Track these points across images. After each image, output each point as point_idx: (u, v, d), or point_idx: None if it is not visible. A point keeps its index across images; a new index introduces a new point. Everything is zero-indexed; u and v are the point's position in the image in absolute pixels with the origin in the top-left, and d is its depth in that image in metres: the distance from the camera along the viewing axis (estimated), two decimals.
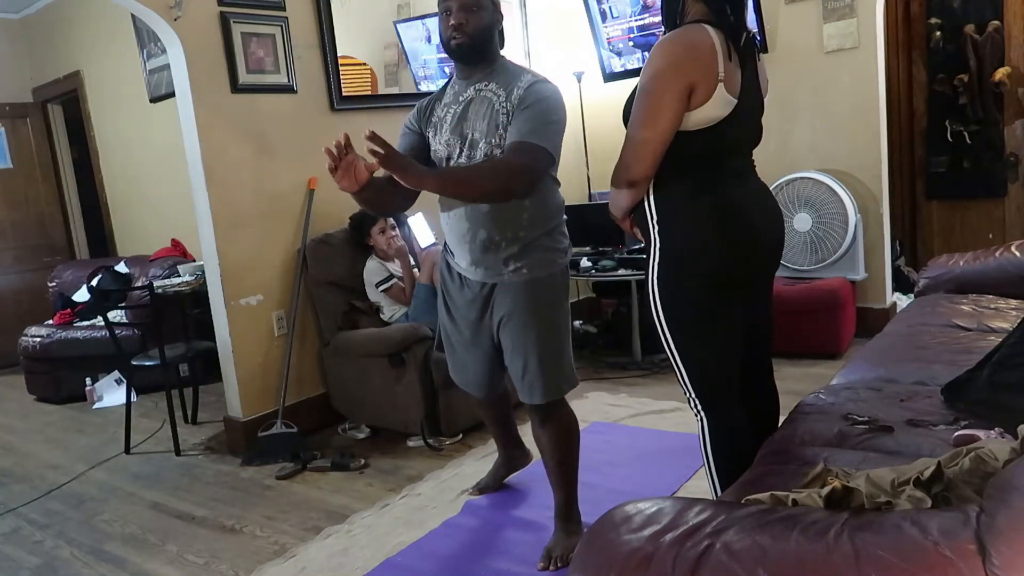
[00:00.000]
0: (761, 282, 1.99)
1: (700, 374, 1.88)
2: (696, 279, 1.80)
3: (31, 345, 4.79)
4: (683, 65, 1.70)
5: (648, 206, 1.83)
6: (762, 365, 2.09)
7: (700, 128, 1.74)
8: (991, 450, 1.21)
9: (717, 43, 1.71)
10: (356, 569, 2.38)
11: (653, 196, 1.82)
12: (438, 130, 2.25)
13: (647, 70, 1.73)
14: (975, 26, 4.67)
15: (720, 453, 1.90)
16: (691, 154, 1.76)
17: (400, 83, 4.34)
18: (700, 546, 1.06)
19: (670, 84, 1.69)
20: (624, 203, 1.87)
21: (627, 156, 1.77)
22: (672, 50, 1.72)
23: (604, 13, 4.78)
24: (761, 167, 1.98)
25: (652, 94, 1.71)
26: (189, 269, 4.14)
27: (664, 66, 1.71)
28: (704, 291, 1.81)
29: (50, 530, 2.93)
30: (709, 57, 1.70)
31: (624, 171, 1.79)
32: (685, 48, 1.71)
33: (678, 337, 1.85)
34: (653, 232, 1.82)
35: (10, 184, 5.97)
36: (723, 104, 1.73)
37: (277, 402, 3.55)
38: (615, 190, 1.86)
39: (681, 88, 1.69)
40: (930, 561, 0.93)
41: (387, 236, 3.61)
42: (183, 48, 3.26)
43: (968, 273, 3.06)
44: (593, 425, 3.36)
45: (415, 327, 3.38)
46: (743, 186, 1.86)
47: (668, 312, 1.84)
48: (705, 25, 1.73)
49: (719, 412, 1.90)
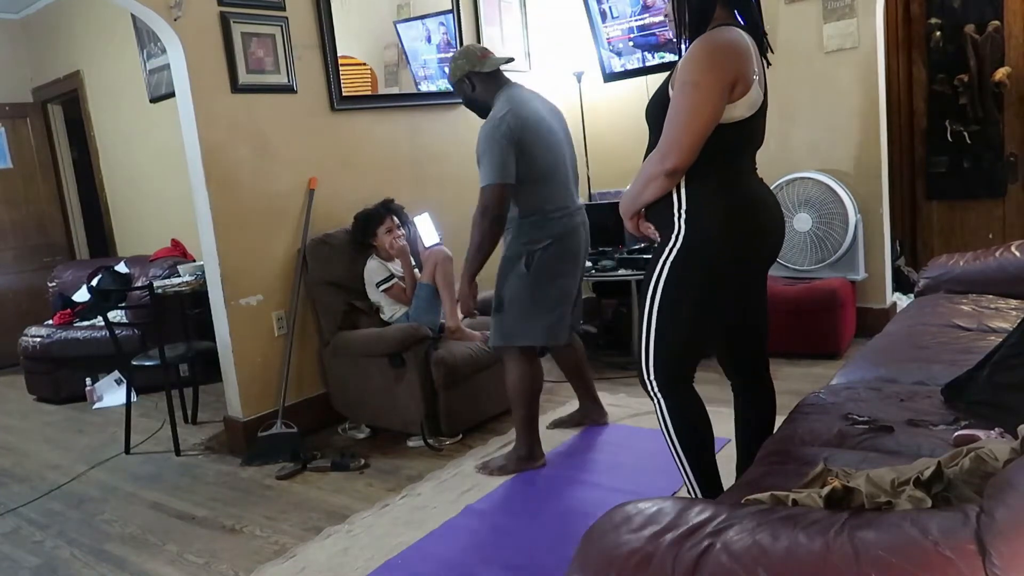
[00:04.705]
0: (760, 276, 2.09)
1: (669, 356, 1.94)
2: (708, 269, 1.88)
3: (31, 345, 4.79)
4: (729, 59, 1.77)
5: (678, 197, 1.87)
6: (760, 359, 2.16)
7: (733, 122, 1.81)
8: (991, 450, 1.21)
9: (751, 43, 1.82)
10: (356, 569, 2.38)
11: (685, 187, 1.86)
12: None
13: (692, 64, 1.79)
14: (975, 26, 4.67)
15: (683, 432, 1.98)
16: (723, 148, 1.83)
17: (400, 83, 4.34)
18: (700, 546, 1.06)
19: (718, 77, 1.76)
20: (651, 195, 1.88)
21: (669, 145, 1.80)
22: (717, 46, 1.79)
23: (604, 13, 4.78)
24: (761, 167, 2.01)
25: (699, 86, 1.76)
26: (189, 269, 4.14)
27: (711, 60, 1.78)
28: (710, 281, 1.89)
29: (50, 530, 2.93)
30: (748, 55, 1.79)
31: (663, 160, 1.81)
32: (728, 44, 1.79)
33: (664, 316, 1.91)
34: (678, 220, 1.87)
35: (10, 184, 5.98)
36: (755, 101, 1.82)
37: (277, 402, 3.55)
38: (644, 181, 1.88)
39: (728, 82, 1.76)
40: (930, 561, 0.93)
41: (393, 235, 3.62)
42: (183, 48, 3.26)
43: (968, 273, 3.06)
44: (593, 425, 3.37)
45: (415, 327, 3.38)
46: (752, 183, 1.96)
47: (667, 293, 1.89)
48: (733, 27, 1.83)
49: (674, 390, 1.98)
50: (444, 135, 4.46)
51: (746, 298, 2.04)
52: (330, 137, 3.83)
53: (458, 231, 4.37)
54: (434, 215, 3.87)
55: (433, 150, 4.38)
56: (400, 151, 4.20)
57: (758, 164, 2.00)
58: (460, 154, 4.55)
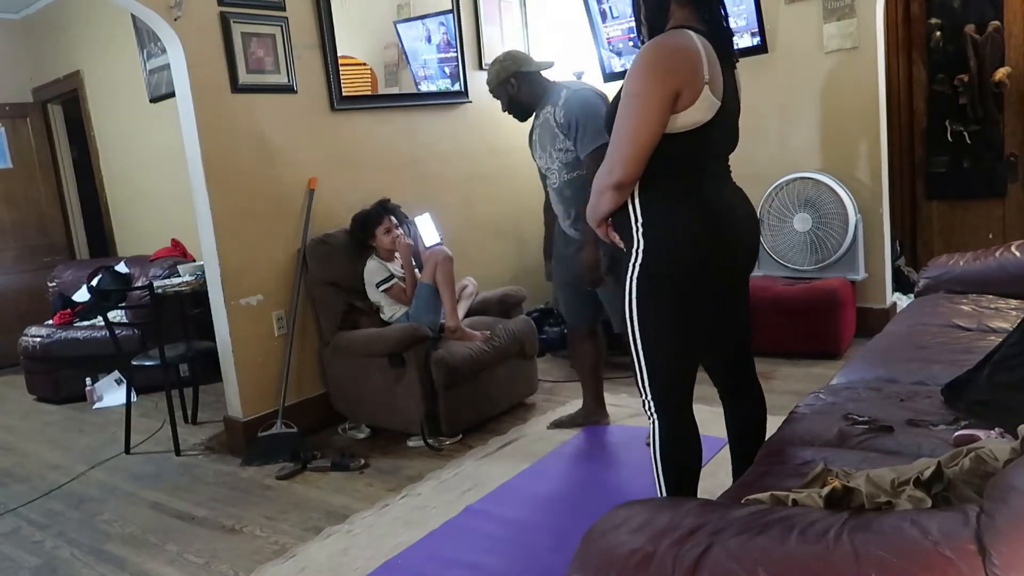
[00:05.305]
0: (739, 285, 2.02)
1: (662, 376, 1.89)
2: (675, 281, 1.82)
3: (31, 345, 4.79)
4: (671, 69, 1.71)
5: (632, 208, 1.83)
6: (746, 365, 2.12)
7: (685, 131, 1.75)
8: (991, 450, 1.21)
9: (701, 47, 1.73)
10: (356, 569, 2.38)
11: (639, 198, 1.82)
12: (534, 150, 3.06)
13: (633, 74, 1.75)
14: (975, 26, 4.67)
15: (669, 458, 1.92)
16: (675, 157, 1.77)
17: (400, 83, 4.34)
18: (700, 546, 1.06)
19: (658, 87, 1.70)
20: (606, 208, 1.85)
21: (613, 159, 1.77)
22: (659, 54, 1.74)
23: (604, 13, 4.78)
24: (761, 167, 2.00)
25: (640, 97, 1.72)
26: (189, 269, 4.14)
27: (652, 70, 1.72)
28: (680, 294, 1.82)
29: (50, 530, 2.93)
30: (695, 61, 1.72)
31: (610, 174, 1.78)
32: (672, 52, 1.73)
33: (648, 336, 1.86)
34: (636, 234, 1.83)
35: (10, 184, 5.97)
36: (708, 108, 1.74)
37: (277, 402, 3.55)
38: (597, 195, 1.86)
39: (669, 91, 1.70)
40: (930, 561, 0.93)
41: (392, 236, 3.62)
42: (183, 48, 3.26)
43: (968, 273, 3.06)
44: (593, 425, 3.37)
45: (415, 327, 3.38)
46: (722, 190, 1.89)
47: (642, 312, 1.84)
48: (686, 30, 1.76)
49: (672, 416, 1.91)
50: (444, 135, 4.46)
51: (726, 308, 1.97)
52: (330, 137, 3.83)
53: (459, 231, 4.38)
54: (434, 215, 3.87)
55: (433, 150, 4.38)
56: (400, 151, 4.20)
57: (757, 165, 1.98)
58: (460, 154, 4.56)
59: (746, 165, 4.59)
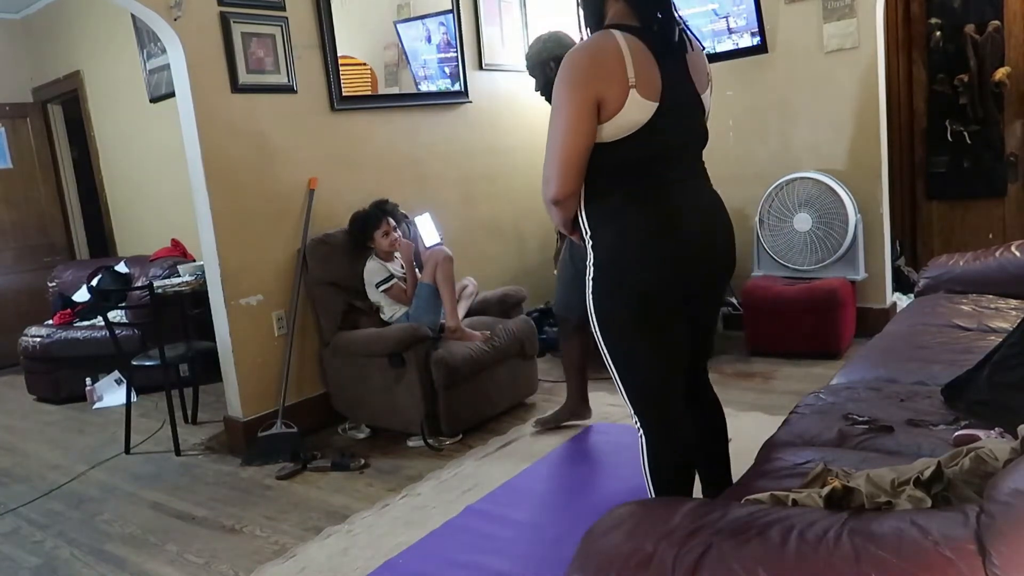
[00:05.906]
0: (707, 295, 1.92)
1: (636, 389, 1.83)
2: (628, 293, 1.74)
3: (31, 345, 4.79)
4: (587, 77, 1.65)
5: (581, 219, 1.79)
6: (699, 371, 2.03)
7: (621, 137, 1.67)
8: (991, 450, 1.21)
9: (625, 48, 1.65)
10: (356, 569, 2.38)
11: (584, 209, 1.77)
12: None
13: (556, 85, 1.69)
14: (975, 26, 4.67)
15: (658, 472, 1.86)
16: (617, 164, 1.70)
17: (400, 83, 4.34)
18: (700, 546, 1.06)
19: (575, 98, 1.65)
20: (555, 220, 1.82)
21: (546, 174, 1.71)
22: (575, 63, 1.68)
23: None
24: (761, 167, 1.98)
25: (559, 109, 1.67)
26: (189, 269, 4.14)
27: (569, 81, 1.67)
28: (637, 306, 1.74)
29: (50, 530, 2.93)
30: (615, 64, 1.64)
31: (546, 188, 1.72)
32: (588, 59, 1.67)
33: (613, 351, 1.81)
34: (589, 245, 1.78)
35: (10, 184, 5.97)
36: (640, 109, 1.65)
37: (277, 402, 3.55)
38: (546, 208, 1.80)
39: (587, 101, 1.64)
40: (930, 561, 0.93)
41: (391, 239, 3.61)
42: (183, 48, 3.26)
43: (968, 273, 3.06)
44: (593, 425, 3.36)
45: (415, 327, 3.38)
46: (681, 194, 1.76)
47: (603, 325, 1.79)
48: (612, 31, 1.68)
49: (656, 428, 1.85)
50: (444, 135, 4.45)
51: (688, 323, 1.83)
52: (330, 137, 3.83)
53: (458, 231, 4.38)
54: (434, 215, 3.87)
55: (433, 150, 4.38)
56: (400, 151, 4.20)
57: (757, 164, 1.95)
58: (460, 154, 4.56)
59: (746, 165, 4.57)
